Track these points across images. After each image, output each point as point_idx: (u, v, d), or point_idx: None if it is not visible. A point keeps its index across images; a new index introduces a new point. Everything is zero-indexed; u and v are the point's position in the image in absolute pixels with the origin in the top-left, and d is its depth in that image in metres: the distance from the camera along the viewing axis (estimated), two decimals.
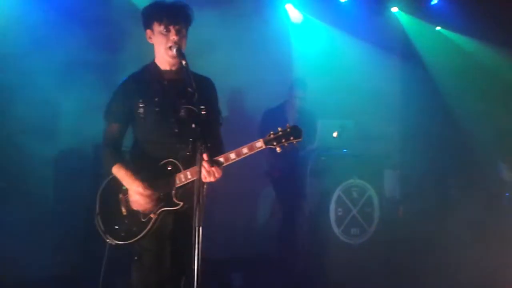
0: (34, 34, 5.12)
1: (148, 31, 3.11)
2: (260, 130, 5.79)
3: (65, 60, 5.31)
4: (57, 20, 5.25)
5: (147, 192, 2.97)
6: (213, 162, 2.91)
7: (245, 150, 2.93)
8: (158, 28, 3.04)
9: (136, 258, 3.05)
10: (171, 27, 3.02)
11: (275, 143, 2.94)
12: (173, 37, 3.01)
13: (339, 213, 5.86)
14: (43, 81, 5.14)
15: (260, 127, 5.88)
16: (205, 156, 2.84)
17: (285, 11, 6.88)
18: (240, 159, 2.96)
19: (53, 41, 5.22)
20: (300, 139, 2.96)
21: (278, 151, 2.96)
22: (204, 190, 2.89)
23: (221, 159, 2.95)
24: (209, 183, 2.96)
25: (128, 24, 5.40)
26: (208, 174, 2.89)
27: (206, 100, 2.95)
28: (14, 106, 5.06)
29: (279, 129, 2.96)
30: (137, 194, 2.98)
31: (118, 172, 3.06)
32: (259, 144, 2.94)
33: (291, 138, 2.94)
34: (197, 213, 2.57)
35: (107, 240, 3.05)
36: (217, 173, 2.92)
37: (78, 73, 5.34)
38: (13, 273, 4.86)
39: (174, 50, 2.99)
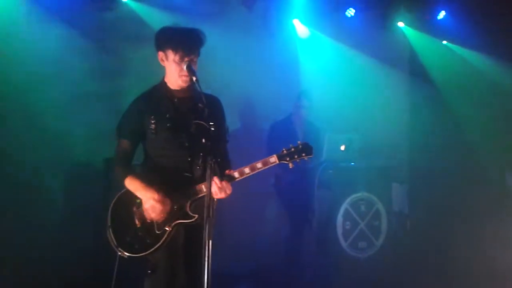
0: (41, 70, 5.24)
1: (161, 53, 3.17)
2: (269, 143, 5.85)
3: (78, 79, 5.45)
4: (62, 53, 5.37)
5: (163, 198, 3.02)
6: (224, 178, 3.00)
7: (259, 165, 3.08)
8: (173, 56, 3.10)
9: (149, 271, 3.09)
10: (186, 58, 3.09)
11: (288, 159, 3.12)
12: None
13: (347, 227, 5.86)
14: (56, 97, 5.30)
15: (269, 140, 5.92)
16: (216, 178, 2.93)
17: (293, 26, 6.96)
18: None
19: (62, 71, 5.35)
20: (311, 156, 3.15)
21: (291, 167, 3.15)
22: (215, 203, 2.95)
23: (236, 173, 3.07)
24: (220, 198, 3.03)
25: (132, 50, 5.54)
26: (219, 190, 2.97)
27: (214, 117, 3.03)
28: (28, 120, 5.17)
29: (291, 145, 3.14)
30: (152, 200, 3.02)
31: (131, 184, 3.12)
32: (273, 159, 3.11)
33: (303, 154, 3.14)
34: (207, 226, 2.63)
35: (119, 253, 3.08)
36: (228, 189, 3.01)
37: (90, 90, 5.46)
38: (25, 285, 4.93)
39: (185, 67, 3.07)
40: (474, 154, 6.75)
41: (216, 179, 2.95)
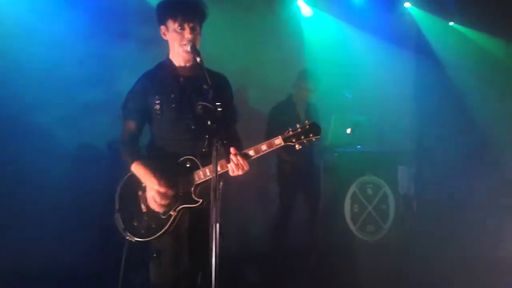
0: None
1: (162, 27, 3.11)
2: (270, 126, 5.68)
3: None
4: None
5: (162, 189, 2.96)
6: (242, 155, 2.91)
7: (264, 147, 2.95)
8: (172, 25, 3.04)
9: (154, 255, 3.06)
10: (186, 25, 3.02)
11: (294, 140, 2.96)
12: (187, 35, 3.02)
13: (355, 210, 5.82)
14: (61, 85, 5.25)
15: (269, 123, 5.74)
16: (233, 149, 2.88)
17: (297, 7, 6.86)
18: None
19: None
20: (319, 136, 2.97)
21: (297, 148, 2.97)
22: (221, 187, 2.90)
23: (251, 152, 2.95)
24: (225, 181, 2.97)
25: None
26: (236, 167, 2.90)
27: (222, 96, 2.93)
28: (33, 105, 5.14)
29: (298, 126, 2.97)
30: (152, 190, 2.98)
31: (137, 169, 3.06)
32: (278, 141, 2.96)
33: (310, 135, 2.96)
34: (214, 210, 2.58)
35: (127, 237, 3.05)
36: (245, 166, 2.92)
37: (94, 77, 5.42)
38: (34, 268, 4.92)
39: (189, 47, 3.01)
40: (482, 135, 6.70)
41: (232, 156, 2.88)
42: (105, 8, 5.47)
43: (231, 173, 2.92)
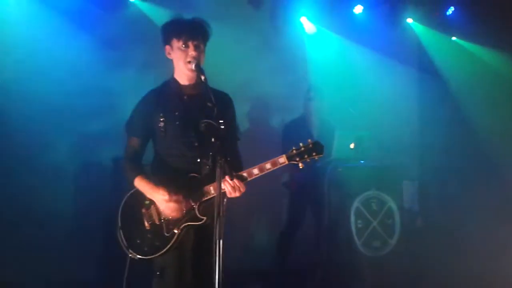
0: None
1: (167, 47, 3.18)
2: (283, 144, 5.76)
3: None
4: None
5: (175, 197, 2.99)
6: (238, 177, 2.95)
7: (268, 165, 2.99)
8: (177, 44, 3.10)
9: (158, 273, 3.06)
10: (190, 43, 3.08)
11: (297, 159, 3.00)
12: (191, 52, 3.08)
13: (359, 225, 5.81)
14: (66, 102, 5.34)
15: (283, 142, 5.83)
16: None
17: (300, 24, 6.91)
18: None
19: None
20: (321, 155, 3.03)
21: (301, 167, 3.02)
22: (225, 203, 2.92)
23: (245, 174, 3.00)
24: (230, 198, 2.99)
25: None
26: (233, 189, 2.93)
27: (224, 115, 2.99)
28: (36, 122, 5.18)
29: (301, 144, 3.02)
30: (164, 202, 3.00)
31: (140, 184, 3.09)
32: (282, 160, 3.00)
33: (313, 154, 3.01)
34: (217, 226, 2.58)
35: (130, 255, 3.06)
36: (242, 188, 2.96)
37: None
38: (35, 283, 4.93)
39: (193, 66, 3.05)
40: (485, 150, 6.68)
41: (228, 178, 2.90)
42: (107, 36, 5.58)
43: (228, 195, 2.95)
